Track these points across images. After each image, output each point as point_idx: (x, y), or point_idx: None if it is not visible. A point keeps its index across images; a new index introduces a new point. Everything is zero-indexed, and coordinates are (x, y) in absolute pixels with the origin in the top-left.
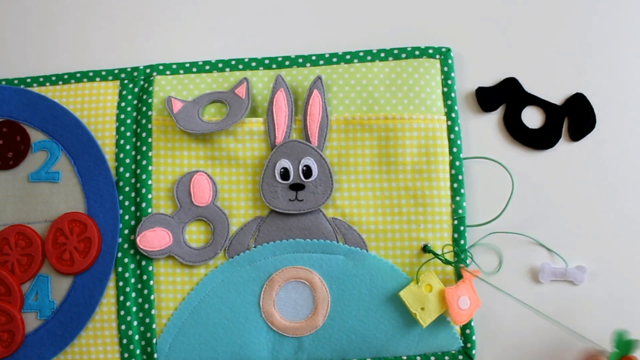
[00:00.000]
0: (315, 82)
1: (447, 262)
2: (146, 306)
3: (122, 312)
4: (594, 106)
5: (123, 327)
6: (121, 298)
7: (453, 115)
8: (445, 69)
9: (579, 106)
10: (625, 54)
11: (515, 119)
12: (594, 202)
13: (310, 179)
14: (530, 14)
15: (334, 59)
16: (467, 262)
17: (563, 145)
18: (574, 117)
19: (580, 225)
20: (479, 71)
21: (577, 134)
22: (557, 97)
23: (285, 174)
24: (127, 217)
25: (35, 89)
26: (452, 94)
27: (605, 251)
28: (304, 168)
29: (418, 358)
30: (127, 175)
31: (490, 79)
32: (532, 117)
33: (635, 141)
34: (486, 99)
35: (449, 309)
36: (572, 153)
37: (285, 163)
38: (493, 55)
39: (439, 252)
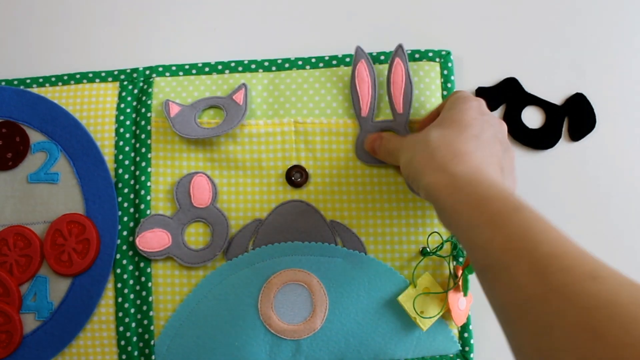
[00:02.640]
0: (397, 51)
1: (441, 256)
2: (144, 308)
3: (120, 314)
4: (594, 106)
5: (121, 328)
6: (119, 300)
7: None
8: (445, 72)
9: (579, 106)
10: (625, 54)
11: (515, 119)
12: (594, 202)
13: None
14: (531, 14)
15: (334, 62)
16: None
17: (563, 145)
18: (574, 117)
19: (581, 225)
20: (479, 71)
21: (577, 134)
22: (557, 97)
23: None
24: (125, 218)
25: (35, 89)
26: None
27: (606, 251)
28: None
29: None
30: (126, 176)
31: (490, 79)
32: (532, 117)
33: (635, 141)
34: (486, 99)
35: (452, 312)
36: (572, 153)
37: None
38: (493, 56)
39: (436, 251)
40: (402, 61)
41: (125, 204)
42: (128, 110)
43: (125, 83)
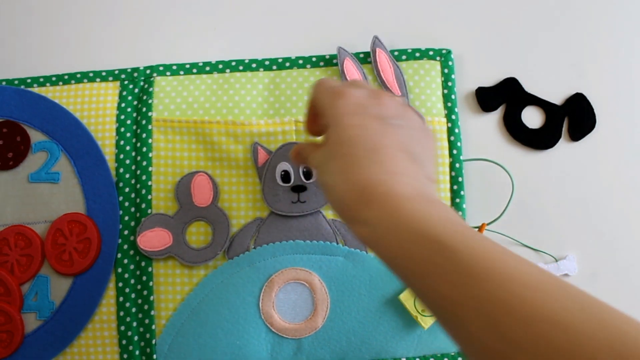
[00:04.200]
0: (374, 43)
1: None
2: (145, 307)
3: (121, 313)
4: (594, 106)
5: (122, 328)
6: (120, 299)
7: (453, 117)
8: (446, 70)
9: (579, 106)
10: (625, 54)
11: (515, 119)
12: (594, 202)
13: (311, 180)
14: (531, 14)
15: (334, 61)
16: None
17: (563, 145)
18: (574, 117)
19: (580, 225)
20: (479, 71)
21: (577, 134)
22: (557, 97)
23: (286, 177)
24: (126, 218)
25: (36, 89)
26: (452, 96)
27: (605, 251)
28: (304, 169)
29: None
30: (127, 176)
31: (490, 79)
32: (532, 117)
33: (635, 141)
34: (486, 99)
35: None
36: (572, 153)
37: (285, 166)
38: (493, 55)
39: None
40: (382, 49)
41: (127, 203)
42: (129, 109)
43: (126, 82)
